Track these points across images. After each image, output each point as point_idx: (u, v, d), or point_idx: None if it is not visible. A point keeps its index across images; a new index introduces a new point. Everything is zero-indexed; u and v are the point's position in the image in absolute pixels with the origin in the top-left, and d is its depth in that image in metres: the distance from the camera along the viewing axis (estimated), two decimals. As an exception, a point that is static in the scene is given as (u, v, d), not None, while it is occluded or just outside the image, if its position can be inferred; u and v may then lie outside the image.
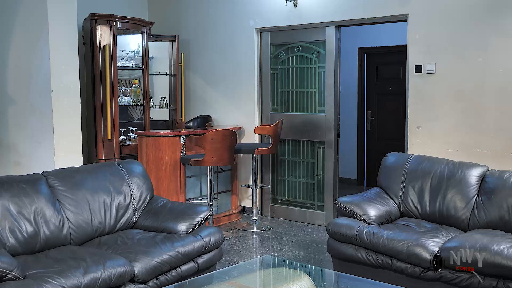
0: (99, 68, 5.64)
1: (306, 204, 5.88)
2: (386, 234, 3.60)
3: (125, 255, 3.20)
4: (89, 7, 5.71)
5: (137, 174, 4.00)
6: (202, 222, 3.75)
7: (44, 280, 2.75)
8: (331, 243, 3.93)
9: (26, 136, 4.98)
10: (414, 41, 4.89)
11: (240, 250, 4.89)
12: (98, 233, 3.61)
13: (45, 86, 4.69)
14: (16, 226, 3.19)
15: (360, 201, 4.02)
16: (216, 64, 6.33)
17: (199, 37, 6.45)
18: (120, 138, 5.84)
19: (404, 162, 4.24)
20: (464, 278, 3.22)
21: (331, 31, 5.49)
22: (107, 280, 2.94)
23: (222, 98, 6.29)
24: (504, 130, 4.46)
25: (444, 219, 3.90)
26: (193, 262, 3.51)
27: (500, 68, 4.45)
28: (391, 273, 3.56)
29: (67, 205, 3.51)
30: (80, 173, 3.75)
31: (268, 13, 5.83)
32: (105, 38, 5.64)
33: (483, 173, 3.90)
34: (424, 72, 4.83)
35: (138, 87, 6.08)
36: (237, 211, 6.06)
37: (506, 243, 3.20)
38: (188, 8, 6.52)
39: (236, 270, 3.57)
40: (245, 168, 6.12)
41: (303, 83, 5.79)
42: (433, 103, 4.81)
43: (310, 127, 5.74)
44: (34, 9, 4.76)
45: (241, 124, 6.10)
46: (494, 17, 4.46)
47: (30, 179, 3.48)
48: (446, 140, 4.75)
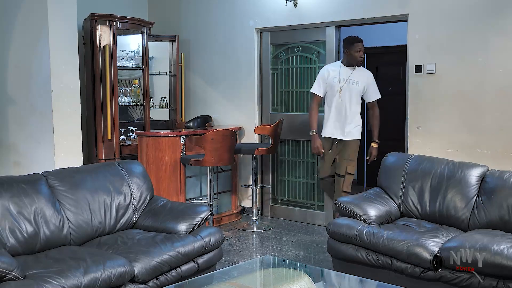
0: (99, 68, 5.64)
1: (306, 204, 5.88)
2: (386, 234, 3.60)
3: (125, 255, 3.20)
4: (89, 7, 5.71)
5: (137, 174, 4.00)
6: (202, 222, 3.75)
7: (44, 280, 2.75)
8: (331, 243, 3.93)
9: (26, 136, 4.98)
10: (414, 41, 4.89)
11: (240, 250, 4.89)
12: (98, 233, 3.61)
13: (45, 86, 4.69)
14: (16, 226, 3.19)
15: (360, 201, 4.02)
16: (216, 64, 6.33)
17: (199, 37, 6.44)
18: (120, 138, 5.84)
19: (404, 162, 4.24)
20: (464, 278, 3.22)
21: (331, 31, 5.49)
22: (107, 280, 2.94)
23: (222, 98, 6.29)
24: (504, 130, 4.46)
25: (444, 219, 3.90)
26: (193, 262, 3.51)
27: (500, 68, 4.45)
28: (391, 273, 3.56)
29: (67, 205, 3.51)
30: (80, 173, 3.75)
31: (268, 13, 5.82)
32: (105, 38, 5.64)
33: (483, 173, 3.90)
34: (424, 72, 4.83)
35: (138, 87, 6.08)
36: (237, 211, 6.06)
37: (506, 243, 3.20)
38: (188, 8, 6.52)
39: (236, 270, 3.57)
40: (245, 168, 6.12)
41: (303, 83, 5.79)
42: (433, 103, 4.81)
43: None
44: (34, 9, 4.76)
45: (241, 124, 6.10)
46: (494, 17, 4.46)
47: (30, 179, 3.48)
48: (446, 140, 4.75)
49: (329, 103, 5.01)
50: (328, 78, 4.99)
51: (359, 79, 4.96)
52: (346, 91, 4.91)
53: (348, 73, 4.96)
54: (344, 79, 4.94)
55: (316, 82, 5.09)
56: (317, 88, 5.06)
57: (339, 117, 4.96)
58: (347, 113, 4.94)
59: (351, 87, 4.93)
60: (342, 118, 4.96)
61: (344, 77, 4.94)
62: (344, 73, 4.96)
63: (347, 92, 4.92)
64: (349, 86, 4.92)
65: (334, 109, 4.97)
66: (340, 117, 4.96)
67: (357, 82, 4.94)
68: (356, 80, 4.94)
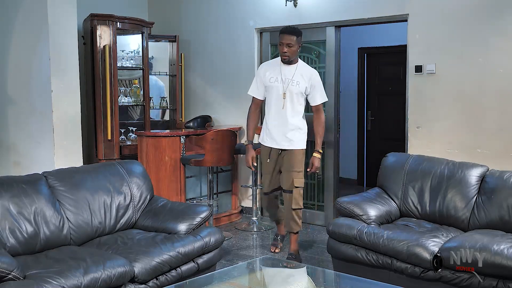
0: (99, 68, 5.63)
1: (306, 204, 5.87)
2: (386, 234, 3.60)
3: (125, 255, 3.20)
4: (89, 7, 5.71)
5: (137, 174, 4.00)
6: (202, 222, 3.75)
7: (44, 280, 2.75)
8: (331, 243, 3.93)
9: (26, 136, 4.98)
10: (414, 41, 4.89)
11: (240, 250, 4.89)
12: (98, 233, 3.61)
13: (45, 86, 4.69)
14: (16, 226, 3.19)
15: (360, 201, 4.01)
16: (216, 64, 6.33)
17: (199, 37, 6.44)
18: (120, 138, 5.84)
19: (404, 162, 4.24)
20: (464, 278, 3.22)
21: (331, 31, 5.49)
22: (107, 280, 2.94)
23: (222, 98, 6.29)
24: (504, 130, 4.46)
25: (444, 219, 3.90)
26: (193, 262, 3.50)
27: (500, 68, 4.45)
28: (391, 273, 3.56)
29: (67, 205, 3.51)
30: (80, 173, 3.75)
31: (268, 13, 5.83)
32: (105, 38, 5.64)
33: (483, 173, 3.90)
34: (424, 72, 4.83)
35: (138, 87, 6.08)
36: (237, 211, 6.06)
37: (506, 243, 3.20)
38: (188, 8, 6.52)
39: (236, 270, 3.56)
40: (245, 168, 6.12)
41: (303, 83, 5.78)
42: (433, 103, 4.81)
43: (310, 127, 5.72)
44: (34, 9, 4.76)
45: (241, 124, 6.09)
46: (494, 17, 4.46)
47: (30, 179, 3.48)
48: (446, 140, 4.75)
49: (268, 106, 4.43)
50: (264, 77, 4.40)
51: (300, 79, 4.33)
52: (287, 93, 4.31)
53: (287, 72, 4.33)
54: (283, 79, 4.33)
55: (253, 83, 4.53)
56: (255, 90, 4.50)
57: (279, 123, 4.36)
58: (288, 118, 4.34)
59: (291, 88, 4.31)
60: (282, 124, 4.36)
61: (283, 77, 4.33)
62: (283, 72, 4.34)
63: (287, 94, 4.30)
64: (288, 87, 4.31)
65: (274, 113, 4.37)
66: (280, 122, 4.36)
67: (298, 83, 4.32)
68: (296, 80, 4.31)
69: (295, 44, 4.28)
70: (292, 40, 4.24)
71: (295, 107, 4.35)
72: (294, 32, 4.28)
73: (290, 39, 4.24)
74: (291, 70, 4.33)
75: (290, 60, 4.31)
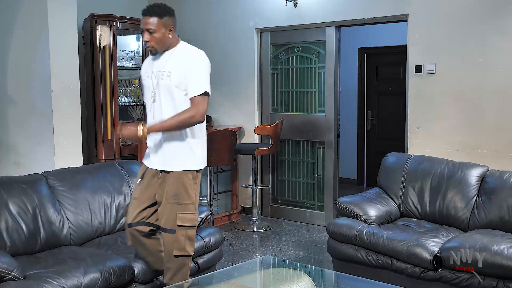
0: (99, 68, 5.63)
1: (306, 204, 5.88)
2: (386, 234, 3.60)
3: (125, 255, 3.20)
4: (89, 7, 5.70)
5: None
6: (202, 222, 3.75)
7: (44, 280, 2.76)
8: (331, 243, 3.93)
9: (26, 136, 4.97)
10: (414, 41, 4.88)
11: (240, 250, 4.89)
12: (98, 233, 3.61)
13: (45, 87, 4.68)
14: (16, 226, 3.19)
15: (360, 201, 4.02)
16: (216, 64, 6.23)
17: (199, 37, 6.43)
18: (120, 138, 5.83)
19: (404, 162, 4.24)
20: (464, 278, 3.22)
21: (331, 31, 5.49)
22: (107, 280, 2.94)
23: (222, 98, 6.29)
24: (504, 130, 4.46)
25: (444, 219, 3.90)
26: (193, 262, 3.50)
27: (500, 69, 4.45)
28: (391, 273, 3.56)
29: (67, 205, 3.51)
30: (80, 173, 3.75)
31: (268, 13, 5.82)
32: (105, 38, 5.64)
33: (483, 173, 3.90)
34: (424, 72, 4.82)
35: (138, 87, 6.08)
36: (237, 211, 6.06)
37: (506, 243, 3.20)
38: (188, 8, 6.51)
39: (236, 270, 3.56)
40: (245, 168, 6.12)
41: (303, 83, 5.79)
42: (433, 103, 4.81)
43: (310, 127, 5.74)
44: (34, 9, 4.75)
45: (241, 124, 6.09)
46: (494, 18, 4.46)
47: (30, 179, 3.48)
48: (446, 140, 4.74)
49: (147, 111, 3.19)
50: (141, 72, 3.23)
51: (172, 68, 3.01)
52: (156, 90, 3.04)
53: (158, 62, 3.08)
54: (154, 72, 3.07)
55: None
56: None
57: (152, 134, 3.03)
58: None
59: (161, 83, 3.01)
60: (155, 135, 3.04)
61: (154, 69, 3.08)
62: (154, 63, 3.10)
63: (157, 92, 3.04)
64: (159, 81, 3.03)
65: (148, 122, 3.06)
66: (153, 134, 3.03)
67: (169, 74, 2.99)
68: (168, 70, 3.01)
69: (159, 28, 3.01)
70: (153, 23, 2.99)
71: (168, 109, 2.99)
72: (154, 12, 3.03)
73: (149, 22, 3.00)
74: (164, 59, 3.06)
75: (156, 52, 3.05)
